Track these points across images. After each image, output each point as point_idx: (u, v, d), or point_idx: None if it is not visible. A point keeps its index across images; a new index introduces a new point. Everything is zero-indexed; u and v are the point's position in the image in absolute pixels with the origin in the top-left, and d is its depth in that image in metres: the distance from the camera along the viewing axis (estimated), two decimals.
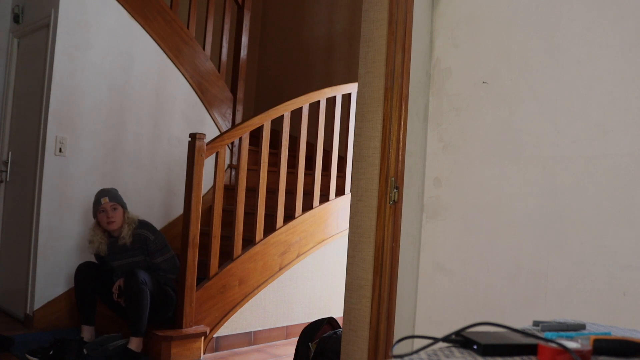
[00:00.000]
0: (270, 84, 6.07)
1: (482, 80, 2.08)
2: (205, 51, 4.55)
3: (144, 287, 3.15)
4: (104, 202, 3.36)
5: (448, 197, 2.16)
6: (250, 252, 3.70)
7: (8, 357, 3.11)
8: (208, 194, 4.28)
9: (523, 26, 2.00)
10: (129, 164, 4.10)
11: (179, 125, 4.37)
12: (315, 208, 4.06)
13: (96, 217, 3.41)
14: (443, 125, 2.20)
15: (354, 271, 2.29)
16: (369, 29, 2.31)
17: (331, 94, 4.20)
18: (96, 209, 3.39)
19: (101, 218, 3.38)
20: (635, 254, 1.70)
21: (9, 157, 4.17)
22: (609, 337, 0.88)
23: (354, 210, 2.31)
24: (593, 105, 1.82)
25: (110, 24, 3.96)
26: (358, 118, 2.33)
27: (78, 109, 3.83)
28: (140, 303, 3.14)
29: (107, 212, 3.35)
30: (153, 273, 3.34)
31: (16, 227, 4.04)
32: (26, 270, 3.78)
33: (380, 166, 2.21)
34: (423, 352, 0.80)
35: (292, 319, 4.03)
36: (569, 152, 1.85)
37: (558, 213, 1.87)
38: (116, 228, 3.37)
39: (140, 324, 3.16)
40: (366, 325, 2.22)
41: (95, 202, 3.40)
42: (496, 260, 2.00)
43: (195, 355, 3.37)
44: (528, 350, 0.82)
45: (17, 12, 4.20)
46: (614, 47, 1.79)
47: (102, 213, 3.37)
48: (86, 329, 3.34)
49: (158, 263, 3.39)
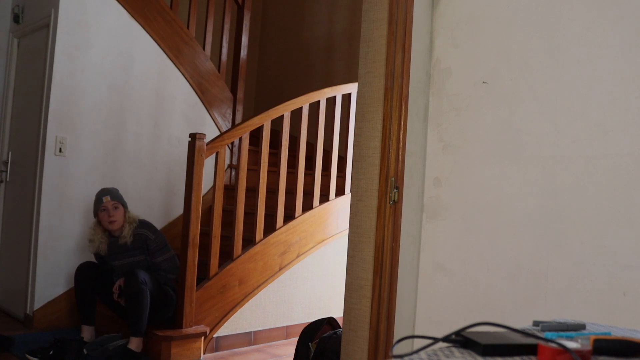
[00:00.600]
0: (270, 84, 6.07)
1: (482, 80, 2.08)
2: (205, 51, 4.55)
3: (144, 287, 3.15)
4: (106, 200, 3.36)
5: (448, 197, 2.16)
6: (250, 252, 3.70)
7: (8, 357, 3.11)
8: (208, 194, 4.28)
9: (523, 26, 2.00)
10: (129, 164, 4.10)
11: (179, 125, 4.37)
12: (315, 208, 4.06)
13: (97, 216, 3.41)
14: (443, 125, 2.20)
15: (354, 271, 2.29)
16: (369, 29, 2.31)
17: (331, 94, 4.20)
18: (97, 207, 3.39)
19: (102, 217, 3.37)
20: (635, 254, 1.70)
21: (9, 157, 4.17)
22: (609, 337, 0.88)
23: (354, 210, 2.31)
24: (593, 105, 1.82)
25: (110, 24, 3.96)
26: (358, 118, 2.33)
27: (78, 109, 3.83)
28: (140, 303, 3.14)
29: (109, 211, 3.36)
30: (153, 273, 3.34)
31: (16, 227, 4.04)
32: (26, 270, 3.78)
33: (380, 166, 2.21)
34: (423, 352, 0.80)
35: (292, 319, 4.03)
36: (569, 152, 1.85)
37: (558, 213, 1.87)
38: (117, 227, 3.37)
39: (140, 323, 3.16)
40: (366, 325, 2.22)
41: (97, 200, 3.40)
42: (496, 260, 2.00)
43: (195, 355, 3.37)
44: (528, 350, 0.82)
45: (17, 12, 4.20)
46: (614, 47, 1.79)
47: (103, 212, 3.37)
48: (86, 329, 3.34)
49: (158, 263, 3.39)
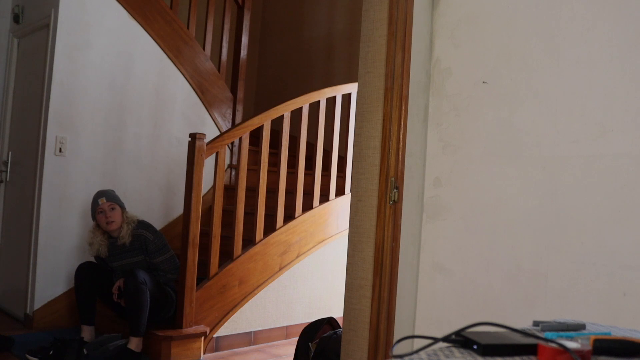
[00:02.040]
0: (270, 84, 6.06)
1: (482, 80, 2.08)
2: (205, 51, 4.54)
3: (144, 287, 3.15)
4: (102, 202, 3.36)
5: (448, 197, 2.16)
6: (250, 252, 3.70)
7: (8, 357, 3.11)
8: (208, 194, 4.28)
9: (523, 26, 2.00)
10: (129, 164, 4.10)
11: (179, 125, 4.37)
12: (315, 208, 4.06)
13: (95, 218, 3.42)
14: (443, 125, 2.20)
15: (354, 271, 2.29)
16: (369, 29, 2.31)
17: (331, 94, 4.20)
18: (94, 210, 3.40)
19: (100, 219, 3.38)
20: (635, 254, 1.70)
21: (9, 157, 4.17)
22: (609, 337, 0.88)
23: (354, 210, 2.31)
24: (593, 105, 1.82)
25: (110, 24, 3.95)
26: (358, 118, 2.33)
27: (78, 109, 3.83)
28: (140, 303, 3.14)
29: (106, 212, 3.36)
30: (153, 273, 3.34)
31: (16, 227, 4.04)
32: (26, 270, 3.78)
33: (380, 166, 2.21)
34: (423, 352, 0.80)
35: (292, 319, 4.03)
36: (569, 152, 1.85)
37: (558, 213, 1.87)
38: (116, 228, 3.38)
39: (139, 324, 3.16)
40: (366, 325, 2.22)
41: (93, 203, 3.41)
42: (496, 260, 2.00)
43: (195, 355, 3.37)
44: (528, 350, 0.82)
45: (17, 12, 4.20)
46: (614, 47, 1.79)
47: (100, 214, 3.37)
48: (86, 329, 3.34)
49: (158, 263, 3.39)
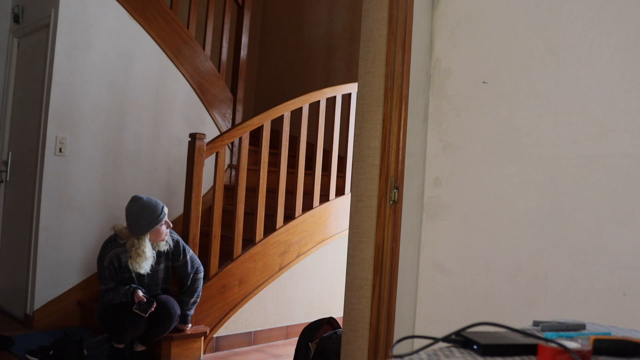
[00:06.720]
0: (270, 84, 6.06)
1: (482, 80, 2.08)
2: (205, 51, 4.54)
3: (174, 320, 3.13)
4: (167, 210, 3.14)
5: (448, 197, 2.16)
6: (250, 252, 3.70)
7: (8, 357, 3.11)
8: (208, 194, 4.28)
9: (523, 26, 2.00)
10: (129, 164, 4.10)
11: (179, 125, 4.37)
12: (315, 208, 4.06)
13: (153, 227, 3.06)
14: (443, 125, 2.20)
15: (354, 271, 2.29)
16: (369, 29, 2.31)
17: (331, 94, 4.20)
18: (159, 218, 3.07)
19: (163, 228, 3.11)
20: (635, 254, 1.70)
21: (9, 157, 4.17)
22: (609, 337, 0.88)
23: (354, 210, 2.31)
24: (593, 105, 1.81)
25: (110, 24, 3.96)
26: (358, 118, 2.33)
27: (78, 109, 3.83)
28: (165, 331, 3.14)
29: (168, 222, 3.16)
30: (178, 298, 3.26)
31: (16, 227, 4.04)
32: (26, 270, 3.78)
33: (380, 166, 2.21)
34: (423, 352, 0.80)
35: (292, 319, 4.03)
36: (569, 152, 1.85)
37: (558, 213, 1.86)
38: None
39: (152, 340, 3.19)
40: (366, 325, 2.22)
41: (156, 211, 3.07)
42: (496, 260, 2.00)
43: (195, 355, 3.37)
44: (528, 350, 0.82)
45: (17, 12, 4.20)
46: (614, 47, 1.79)
47: (164, 224, 3.11)
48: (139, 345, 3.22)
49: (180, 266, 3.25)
